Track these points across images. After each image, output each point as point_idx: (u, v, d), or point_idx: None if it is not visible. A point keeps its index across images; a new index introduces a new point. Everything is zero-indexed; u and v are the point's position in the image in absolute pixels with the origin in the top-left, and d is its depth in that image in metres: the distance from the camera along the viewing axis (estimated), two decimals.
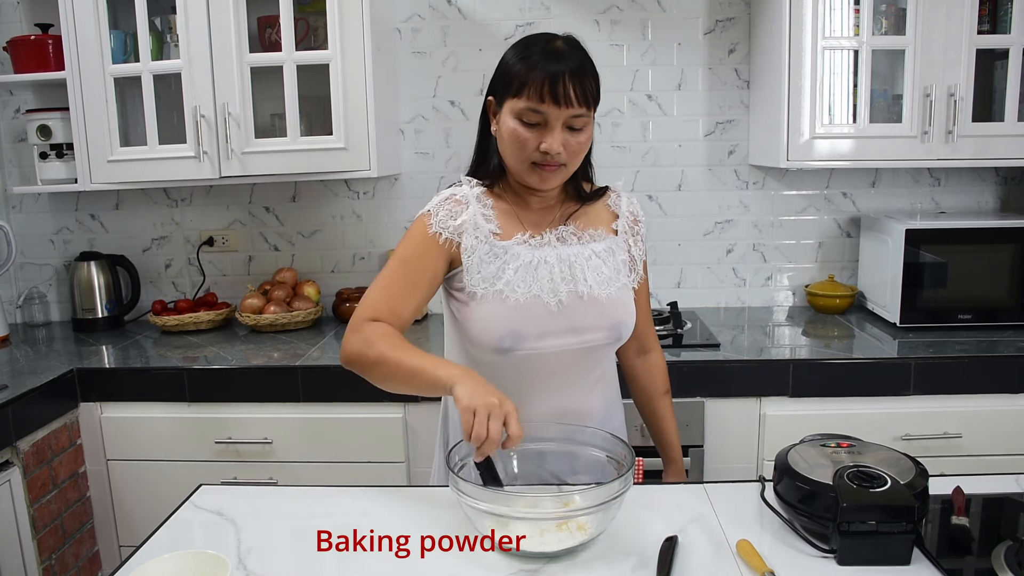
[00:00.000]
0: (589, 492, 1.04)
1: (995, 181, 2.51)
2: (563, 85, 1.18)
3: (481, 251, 1.27)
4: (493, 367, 1.29)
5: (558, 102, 1.19)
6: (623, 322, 1.34)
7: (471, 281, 1.27)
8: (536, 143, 1.22)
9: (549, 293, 1.28)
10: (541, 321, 1.28)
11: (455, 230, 1.28)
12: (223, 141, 2.18)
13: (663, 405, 1.53)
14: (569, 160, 1.25)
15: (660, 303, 2.60)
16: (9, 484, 1.80)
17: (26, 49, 2.33)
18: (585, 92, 1.21)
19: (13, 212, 2.66)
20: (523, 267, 1.28)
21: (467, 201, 1.30)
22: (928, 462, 1.15)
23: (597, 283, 1.31)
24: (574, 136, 1.23)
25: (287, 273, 2.54)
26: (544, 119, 1.21)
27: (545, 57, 1.20)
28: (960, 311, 2.20)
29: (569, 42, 1.25)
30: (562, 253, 1.31)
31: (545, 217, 1.35)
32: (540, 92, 1.19)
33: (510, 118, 1.23)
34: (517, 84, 1.21)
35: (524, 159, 1.24)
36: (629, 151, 2.53)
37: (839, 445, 1.16)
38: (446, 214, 1.29)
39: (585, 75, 1.21)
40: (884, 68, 2.26)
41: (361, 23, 2.14)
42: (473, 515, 1.06)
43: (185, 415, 2.06)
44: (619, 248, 1.37)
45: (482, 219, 1.29)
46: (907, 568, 1.01)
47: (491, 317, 1.26)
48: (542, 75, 1.19)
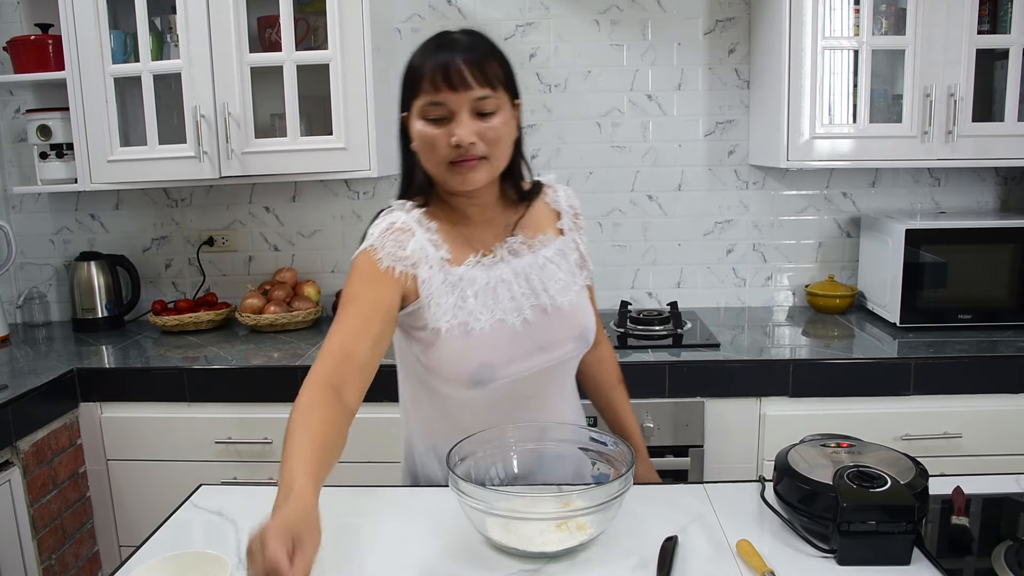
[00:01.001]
0: (589, 492, 1.04)
1: (995, 181, 2.51)
2: (456, 69, 1.13)
3: (437, 281, 1.19)
4: (465, 401, 1.24)
5: (454, 86, 1.13)
6: (587, 327, 1.29)
7: (433, 316, 1.19)
8: (446, 139, 1.15)
9: (512, 313, 1.22)
10: (508, 345, 1.21)
11: (407, 262, 1.18)
12: (223, 141, 2.18)
13: (618, 396, 1.49)
14: (489, 151, 1.16)
15: (660, 303, 2.60)
16: (9, 484, 1.80)
17: (26, 49, 2.33)
18: (484, 72, 1.14)
19: (13, 212, 2.66)
20: (482, 291, 1.21)
21: (411, 228, 1.21)
22: (928, 462, 1.14)
23: (557, 291, 1.26)
24: (486, 122, 1.15)
25: (287, 273, 2.54)
26: (447, 110, 1.14)
27: (436, 48, 1.16)
28: (960, 311, 2.20)
29: (464, 32, 1.20)
30: (517, 267, 1.25)
31: (490, 230, 1.27)
32: (434, 81, 1.13)
33: (417, 120, 1.17)
34: (414, 82, 1.16)
35: (440, 160, 1.17)
36: (629, 151, 2.53)
37: (839, 445, 1.16)
38: (393, 245, 1.18)
39: (482, 56, 1.15)
40: (884, 68, 2.25)
41: (361, 23, 2.14)
42: (473, 515, 1.06)
43: (185, 415, 2.06)
44: (569, 248, 1.32)
45: (431, 246, 1.20)
46: (907, 568, 1.01)
47: (459, 352, 1.19)
48: (433, 64, 1.14)
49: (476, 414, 1.24)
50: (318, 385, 1.08)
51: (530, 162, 1.31)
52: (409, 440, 1.37)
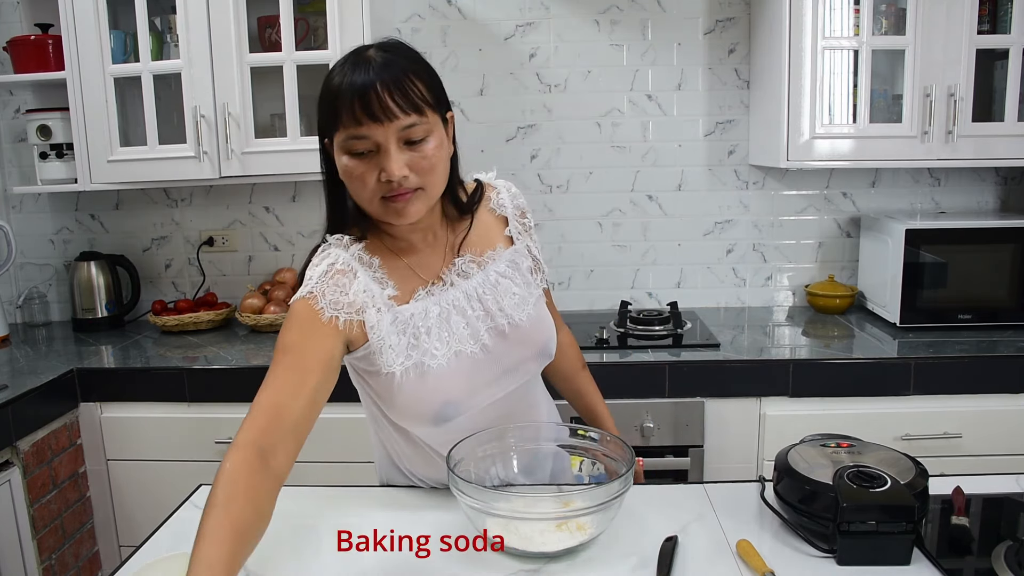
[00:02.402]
0: (589, 492, 1.04)
1: (995, 181, 2.51)
2: (377, 97, 1.01)
3: (386, 322, 1.10)
4: (433, 436, 1.19)
5: (376, 118, 1.01)
6: (548, 341, 1.24)
7: (386, 361, 1.10)
8: (375, 174, 1.04)
9: (469, 341, 1.14)
10: (470, 376, 1.15)
11: (352, 308, 1.08)
12: (223, 141, 2.18)
13: (583, 380, 1.46)
14: (423, 181, 1.07)
15: (660, 303, 2.60)
16: (9, 484, 1.80)
17: (26, 49, 2.33)
18: (407, 97, 1.03)
19: (13, 212, 2.66)
20: (435, 324, 1.13)
21: (352, 268, 1.11)
22: (928, 462, 1.15)
23: (513, 307, 1.18)
24: (418, 151, 1.05)
25: (287, 273, 2.54)
26: (373, 143, 1.03)
27: (351, 72, 1.03)
28: (960, 311, 2.20)
29: (383, 47, 1.07)
30: (468, 289, 1.17)
31: (435, 254, 1.19)
32: (353, 113, 1.01)
33: (341, 155, 1.06)
34: (331, 113, 1.04)
35: (371, 197, 1.06)
36: (629, 151, 2.53)
37: (839, 445, 1.16)
38: (334, 291, 1.08)
39: (403, 78, 1.03)
40: (884, 68, 2.26)
41: (361, 23, 2.14)
42: (473, 515, 1.06)
43: (185, 415, 2.06)
44: (521, 256, 1.24)
45: (376, 285, 1.11)
46: (907, 568, 1.01)
47: (417, 394, 1.12)
48: (350, 93, 1.01)
49: (444, 445, 1.16)
50: (246, 450, 0.95)
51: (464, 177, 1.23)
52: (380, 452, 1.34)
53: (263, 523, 0.94)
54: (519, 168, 2.53)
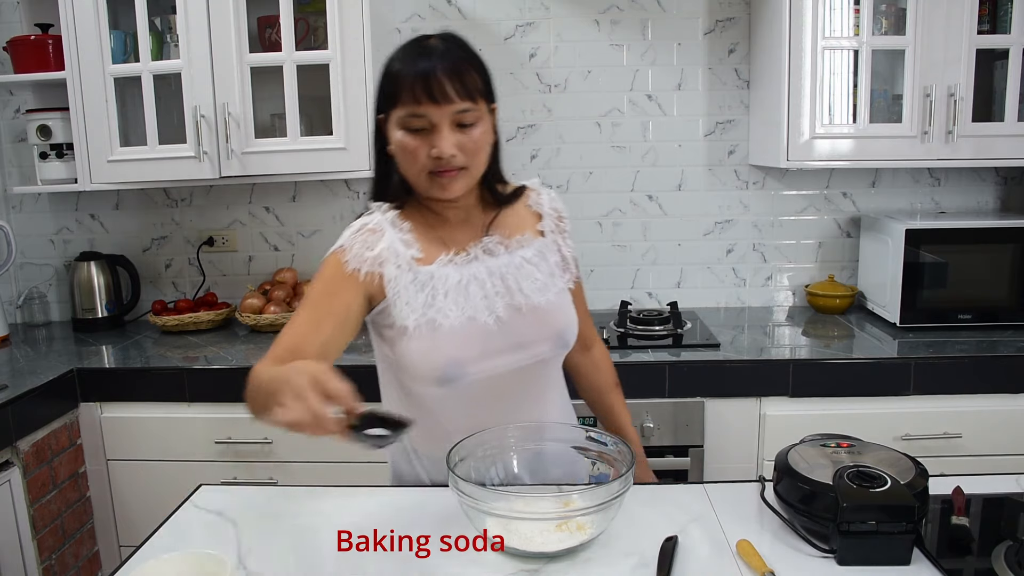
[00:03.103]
0: (589, 492, 1.04)
1: (995, 181, 2.51)
2: (437, 81, 1.12)
3: (405, 280, 1.19)
4: (436, 400, 1.24)
5: (435, 99, 1.12)
6: (566, 328, 1.28)
7: (400, 314, 1.18)
8: (427, 150, 1.15)
9: (484, 311, 1.21)
10: (480, 342, 1.20)
11: (374, 261, 1.19)
12: (223, 141, 2.18)
13: (614, 399, 1.49)
14: (469, 161, 1.17)
15: (660, 303, 2.60)
16: (9, 484, 1.80)
17: (26, 49, 2.33)
18: (465, 85, 1.14)
19: (13, 212, 2.66)
20: (453, 289, 1.20)
21: (382, 228, 1.21)
22: (928, 462, 1.15)
23: (533, 291, 1.24)
24: (467, 134, 1.16)
25: (287, 273, 2.54)
26: (428, 122, 1.14)
27: (416, 57, 1.14)
28: (960, 311, 2.20)
29: (444, 38, 1.18)
30: (491, 266, 1.24)
31: (466, 231, 1.27)
32: (414, 93, 1.13)
33: (396, 129, 1.17)
34: (393, 92, 1.16)
35: (419, 170, 1.17)
36: (629, 151, 2.53)
37: (839, 445, 1.16)
38: (361, 246, 1.19)
39: (462, 67, 1.14)
40: (884, 68, 2.26)
41: (361, 23, 2.14)
42: (473, 515, 1.06)
43: (185, 415, 2.06)
44: (549, 250, 1.31)
45: (401, 245, 1.20)
46: (907, 568, 1.01)
47: (427, 349, 1.18)
48: (413, 75, 1.13)
49: (453, 414, 1.22)
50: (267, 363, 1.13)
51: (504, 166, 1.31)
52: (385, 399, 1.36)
53: None
54: (519, 168, 2.53)
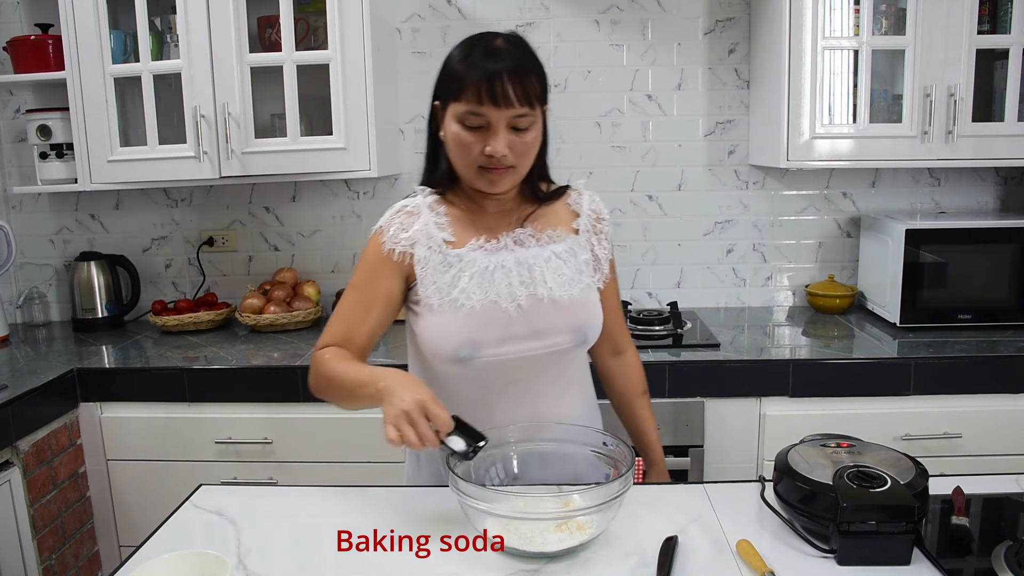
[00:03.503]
0: (589, 492, 1.04)
1: (995, 181, 2.51)
2: (501, 85, 1.15)
3: (434, 261, 1.25)
4: (453, 379, 1.28)
5: (497, 103, 1.16)
6: (587, 324, 1.31)
7: (426, 292, 1.25)
8: (480, 146, 1.19)
9: (507, 298, 1.25)
10: (500, 327, 1.25)
11: (407, 242, 1.26)
12: (223, 141, 2.18)
13: (641, 405, 1.51)
14: (518, 162, 1.22)
15: (660, 303, 2.60)
16: (9, 484, 1.80)
17: (26, 49, 2.33)
18: (526, 91, 1.18)
19: (13, 212, 2.66)
20: (479, 273, 1.25)
21: (419, 211, 1.28)
22: (928, 462, 1.15)
23: (557, 285, 1.28)
24: (520, 136, 1.20)
25: (287, 273, 2.54)
26: (485, 121, 1.18)
27: (483, 57, 1.17)
28: (960, 311, 2.20)
29: (510, 40, 1.21)
30: (520, 256, 1.28)
31: (502, 221, 1.32)
32: (478, 94, 1.16)
33: (453, 122, 1.21)
34: (456, 87, 1.19)
35: (470, 163, 1.22)
36: (629, 151, 2.53)
37: (839, 445, 1.16)
38: (398, 227, 1.27)
39: (525, 73, 1.18)
40: (884, 68, 2.26)
41: (361, 23, 2.14)
42: (473, 515, 1.07)
43: (185, 415, 2.06)
44: (581, 248, 1.35)
45: (435, 228, 1.27)
46: (907, 568, 1.01)
47: (446, 327, 1.24)
48: (479, 76, 1.16)
49: (469, 393, 1.26)
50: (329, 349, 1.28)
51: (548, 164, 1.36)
52: None
53: None
54: None
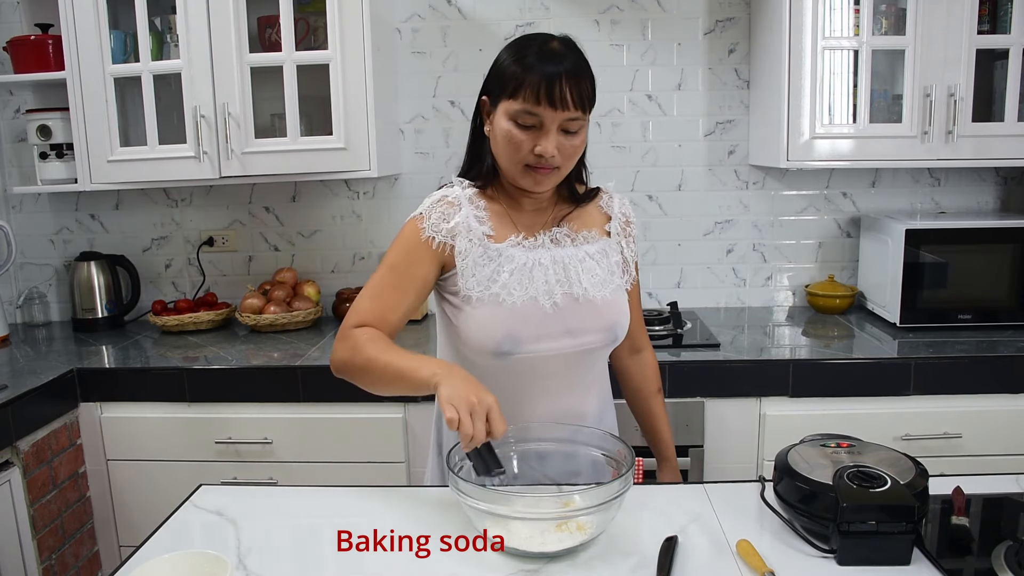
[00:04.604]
0: (589, 492, 1.04)
1: (995, 181, 2.51)
2: (560, 87, 1.17)
3: (475, 254, 1.26)
4: (489, 371, 1.28)
5: (554, 105, 1.18)
6: (618, 323, 1.33)
7: (466, 284, 1.26)
8: (531, 145, 1.21)
9: (544, 295, 1.27)
10: (537, 324, 1.27)
11: (448, 233, 1.27)
12: (223, 141, 2.18)
13: (656, 404, 1.54)
14: (563, 163, 1.24)
15: (660, 303, 2.60)
16: (9, 484, 1.80)
17: (26, 49, 2.33)
18: (581, 95, 1.20)
19: (13, 212, 2.66)
20: (518, 269, 1.27)
21: (459, 203, 1.28)
22: (928, 462, 1.15)
23: (592, 285, 1.30)
24: (569, 139, 1.22)
25: (287, 273, 2.54)
26: (539, 121, 1.20)
27: (541, 59, 1.19)
28: (960, 311, 2.20)
29: (565, 43, 1.23)
30: (556, 255, 1.30)
31: (538, 219, 1.34)
32: (536, 94, 1.18)
33: (504, 119, 1.22)
34: (513, 85, 1.20)
35: (518, 161, 1.23)
36: (629, 151, 2.53)
37: (839, 445, 1.16)
38: (439, 217, 1.27)
39: (581, 77, 1.20)
40: (884, 68, 2.26)
41: (361, 23, 2.14)
42: (473, 515, 1.07)
43: (185, 415, 2.06)
44: (612, 250, 1.37)
45: (475, 221, 1.28)
46: (907, 568, 1.01)
47: (488, 321, 1.25)
48: (538, 77, 1.18)
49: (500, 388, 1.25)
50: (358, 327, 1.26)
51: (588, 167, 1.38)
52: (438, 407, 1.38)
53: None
54: None
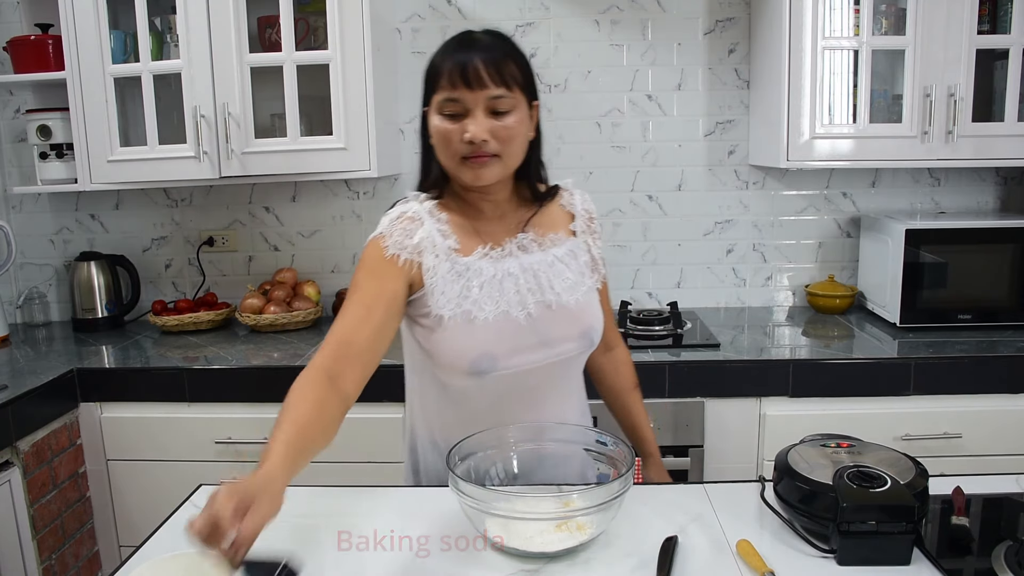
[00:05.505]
0: (589, 492, 1.04)
1: (995, 181, 2.51)
2: (473, 67, 1.16)
3: (443, 270, 1.22)
4: (466, 392, 1.26)
5: (470, 85, 1.16)
6: (593, 327, 1.31)
7: (436, 303, 1.21)
8: (460, 134, 1.18)
9: (517, 307, 1.24)
10: (512, 338, 1.23)
11: (414, 250, 1.21)
12: (223, 141, 2.18)
13: (633, 400, 1.52)
14: (501, 149, 1.19)
15: (660, 303, 2.60)
16: (9, 484, 1.80)
17: (26, 49, 2.33)
18: (501, 72, 1.17)
19: (13, 212, 2.66)
20: (488, 282, 1.23)
21: (420, 217, 1.24)
22: (928, 462, 1.15)
23: (564, 289, 1.27)
24: (500, 120, 1.18)
25: (287, 273, 2.54)
26: (463, 107, 1.17)
27: (456, 47, 1.19)
28: (960, 311, 2.20)
29: (488, 32, 1.23)
30: (525, 262, 1.27)
31: (501, 226, 1.30)
32: (451, 78, 1.17)
33: (435, 116, 1.21)
34: (434, 79, 1.20)
35: (453, 155, 1.20)
36: (629, 151, 2.53)
37: (839, 445, 1.16)
38: (401, 233, 1.22)
39: (500, 56, 1.18)
40: (884, 68, 2.25)
41: (361, 23, 2.14)
42: (473, 515, 1.06)
43: (185, 415, 2.06)
44: (580, 250, 1.34)
45: (439, 235, 1.23)
46: (907, 568, 1.01)
47: (462, 340, 1.21)
48: (452, 62, 1.17)
49: (477, 406, 1.25)
50: (315, 371, 1.11)
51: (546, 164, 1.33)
52: (412, 433, 1.39)
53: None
54: None
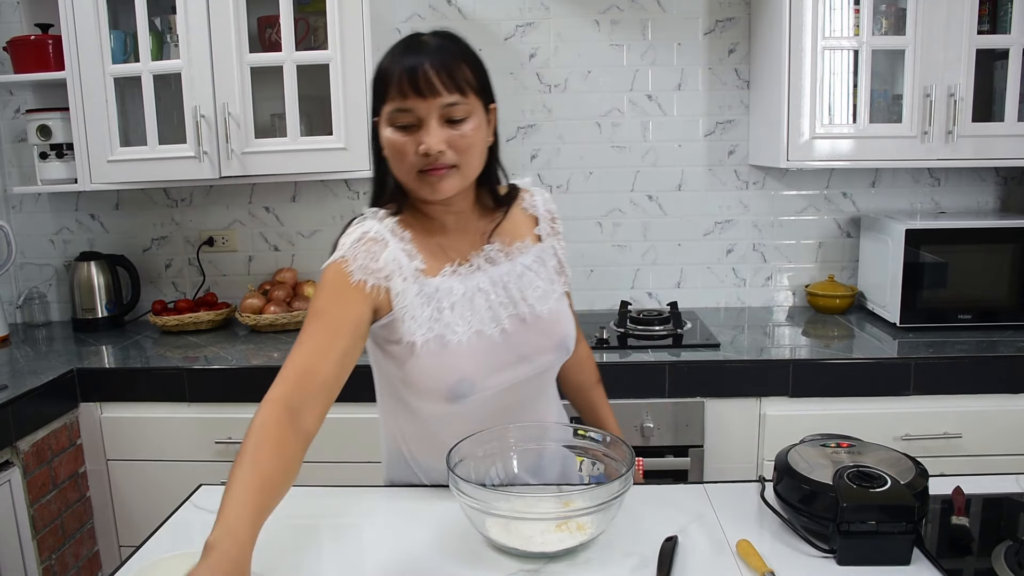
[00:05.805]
0: (589, 492, 1.04)
1: (995, 181, 2.51)
2: (424, 74, 1.08)
3: (411, 293, 1.15)
4: (443, 416, 1.22)
5: (421, 93, 1.08)
6: (568, 336, 1.27)
7: (407, 329, 1.15)
8: (415, 146, 1.10)
9: (491, 323, 1.19)
10: (487, 357, 1.18)
11: (380, 275, 1.13)
12: (223, 141, 2.18)
13: (598, 395, 1.50)
14: (459, 159, 1.12)
15: (660, 303, 2.60)
16: (9, 484, 1.80)
17: (26, 49, 2.33)
18: (453, 78, 1.10)
19: (13, 212, 2.66)
20: (459, 302, 1.18)
21: (384, 238, 1.16)
22: (928, 462, 1.15)
23: (536, 299, 1.23)
24: (457, 129, 1.11)
25: (287, 273, 2.54)
26: (415, 117, 1.10)
27: (404, 52, 1.11)
28: (960, 311, 2.20)
29: (437, 34, 1.15)
30: (494, 275, 1.22)
31: (465, 239, 1.23)
32: (401, 87, 1.09)
33: (386, 128, 1.13)
34: (382, 87, 1.12)
35: (409, 169, 1.12)
36: (629, 151, 2.53)
37: (839, 445, 1.16)
38: (365, 256, 1.13)
39: (450, 61, 1.10)
40: (884, 68, 2.25)
41: (361, 23, 2.14)
42: (473, 515, 1.06)
43: (185, 415, 2.06)
44: (547, 255, 1.29)
45: (404, 256, 1.16)
46: (907, 568, 1.01)
47: (437, 366, 1.16)
48: (401, 69, 1.09)
49: (454, 427, 1.20)
50: (275, 405, 1.01)
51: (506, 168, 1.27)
52: (388, 446, 1.34)
53: (289, 476, 0.99)
54: (519, 168, 2.53)
